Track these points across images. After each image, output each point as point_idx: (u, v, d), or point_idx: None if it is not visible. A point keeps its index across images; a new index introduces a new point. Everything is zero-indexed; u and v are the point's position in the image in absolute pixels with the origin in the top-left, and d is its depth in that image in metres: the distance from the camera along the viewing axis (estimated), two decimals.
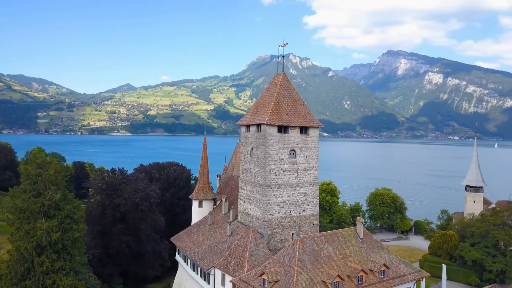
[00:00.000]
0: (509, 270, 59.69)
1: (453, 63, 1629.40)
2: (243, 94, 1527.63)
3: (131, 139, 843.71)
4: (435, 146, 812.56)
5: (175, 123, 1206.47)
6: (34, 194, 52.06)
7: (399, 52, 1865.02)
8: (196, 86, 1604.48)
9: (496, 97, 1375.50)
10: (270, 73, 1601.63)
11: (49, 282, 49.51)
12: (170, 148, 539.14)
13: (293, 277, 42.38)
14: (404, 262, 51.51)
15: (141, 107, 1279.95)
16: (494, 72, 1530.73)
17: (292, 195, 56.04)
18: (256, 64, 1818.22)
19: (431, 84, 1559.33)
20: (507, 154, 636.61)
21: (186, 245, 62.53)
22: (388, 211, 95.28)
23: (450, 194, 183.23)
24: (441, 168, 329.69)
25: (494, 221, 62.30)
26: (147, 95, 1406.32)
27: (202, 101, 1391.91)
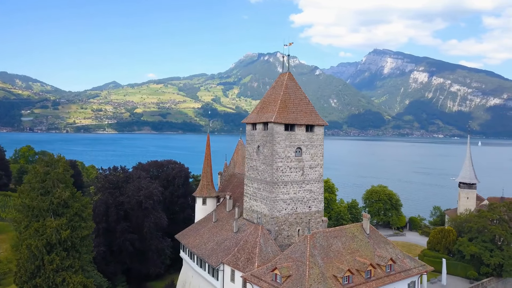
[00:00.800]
0: (506, 264, 61.79)
1: (438, 62, 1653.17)
2: (230, 92, 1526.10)
3: (118, 137, 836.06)
4: (420, 144, 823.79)
5: (162, 121, 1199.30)
6: (42, 192, 52.11)
7: (385, 51, 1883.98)
8: (183, 84, 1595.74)
9: (480, 96, 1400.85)
10: (258, 71, 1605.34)
11: (59, 279, 49.73)
12: (159, 147, 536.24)
13: (305, 271, 43.39)
14: (408, 256, 53.00)
15: (127, 105, 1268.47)
16: (478, 71, 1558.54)
17: (298, 192, 57.04)
18: (243, 62, 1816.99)
19: (417, 83, 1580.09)
20: (490, 152, 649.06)
21: (192, 242, 63.09)
22: (384, 207, 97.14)
23: (441, 191, 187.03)
24: (429, 166, 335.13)
25: (491, 216, 64.39)
26: (133, 93, 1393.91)
27: (190, 99, 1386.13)
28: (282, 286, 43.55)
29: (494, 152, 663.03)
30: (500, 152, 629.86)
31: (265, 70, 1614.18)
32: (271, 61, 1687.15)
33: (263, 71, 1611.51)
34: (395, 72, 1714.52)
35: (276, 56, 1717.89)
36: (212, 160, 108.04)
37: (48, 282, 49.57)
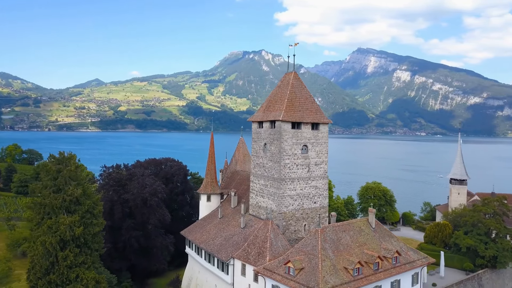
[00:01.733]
0: (500, 256, 64.77)
1: (420, 61, 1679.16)
2: (215, 90, 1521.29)
3: (102, 136, 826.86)
4: (404, 142, 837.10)
5: (147, 119, 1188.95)
6: (54, 189, 52.66)
7: (368, 50, 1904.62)
8: (168, 81, 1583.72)
9: (460, 94, 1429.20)
10: (243, 70, 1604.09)
11: (73, 275, 50.54)
12: (145, 145, 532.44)
13: (318, 264, 45.16)
14: (412, 249, 55.36)
15: (111, 103, 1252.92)
16: (459, 70, 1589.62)
17: (304, 188, 58.79)
18: (228, 60, 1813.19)
19: (399, 82, 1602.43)
20: (472, 150, 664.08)
21: (199, 238, 64.27)
22: (379, 203, 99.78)
23: (429, 187, 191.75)
24: (415, 164, 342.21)
25: (486, 210, 67.37)
26: (117, 91, 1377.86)
27: (174, 97, 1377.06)
28: (295, 278, 45.26)
29: (475, 149, 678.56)
30: (480, 149, 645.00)
31: (250, 68, 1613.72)
32: (256, 59, 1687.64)
33: (248, 69, 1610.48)
34: (379, 71, 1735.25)
35: (261, 55, 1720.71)
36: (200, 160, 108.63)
37: (62, 278, 50.30)
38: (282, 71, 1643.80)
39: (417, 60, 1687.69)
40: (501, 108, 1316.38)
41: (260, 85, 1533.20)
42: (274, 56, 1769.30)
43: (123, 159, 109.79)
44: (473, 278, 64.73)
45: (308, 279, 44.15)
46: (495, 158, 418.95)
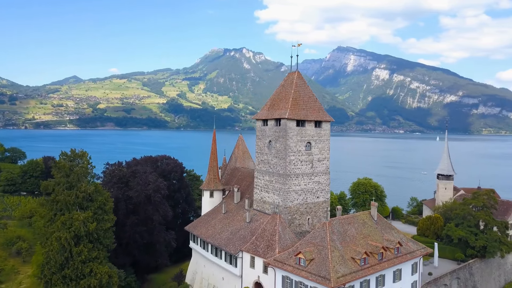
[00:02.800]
0: (489, 246, 68.75)
1: (398, 60, 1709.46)
2: (196, 87, 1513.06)
3: (82, 134, 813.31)
4: (383, 139, 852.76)
5: (127, 117, 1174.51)
6: (67, 186, 53.68)
7: (348, 49, 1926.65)
8: (148, 79, 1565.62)
9: (437, 93, 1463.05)
10: (224, 67, 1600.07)
11: (87, 270, 51.92)
12: (127, 143, 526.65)
13: (328, 255, 47.61)
14: (411, 240, 58.54)
15: (89, 100, 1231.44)
16: (435, 69, 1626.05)
17: (308, 183, 61.26)
18: (209, 57, 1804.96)
19: (378, 80, 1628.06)
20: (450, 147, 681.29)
21: (205, 233, 65.99)
22: (370, 198, 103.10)
23: (413, 183, 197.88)
24: (397, 160, 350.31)
25: (476, 203, 71.27)
26: (96, 88, 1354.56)
27: (154, 94, 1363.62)
28: (306, 268, 47.61)
29: (453, 146, 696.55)
30: (459, 146, 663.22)
31: (231, 66, 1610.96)
32: (237, 56, 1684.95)
33: (229, 66, 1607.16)
34: (358, 69, 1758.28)
35: (242, 52, 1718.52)
36: (198, 156, 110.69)
37: (77, 273, 51.62)
38: (263, 69, 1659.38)
39: (395, 59, 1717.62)
40: (475, 106, 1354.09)
41: (241, 82, 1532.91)
42: (255, 54, 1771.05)
43: (109, 158, 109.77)
44: (465, 268, 68.51)
45: (319, 269, 46.56)
46: (474, 155, 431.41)
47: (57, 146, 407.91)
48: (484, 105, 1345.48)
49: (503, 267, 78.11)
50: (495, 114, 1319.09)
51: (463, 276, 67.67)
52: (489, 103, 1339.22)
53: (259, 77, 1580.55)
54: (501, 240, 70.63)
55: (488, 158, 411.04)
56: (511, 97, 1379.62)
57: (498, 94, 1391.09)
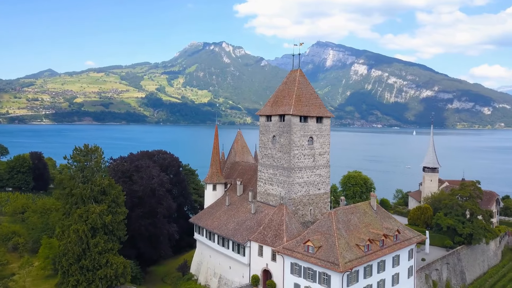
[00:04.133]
0: (475, 233, 73.75)
1: (376, 55, 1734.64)
2: (175, 81, 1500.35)
3: (60, 129, 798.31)
4: (363, 133, 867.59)
5: (105, 111, 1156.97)
6: (83, 180, 55.43)
7: (327, 44, 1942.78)
8: (126, 72, 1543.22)
9: (414, 88, 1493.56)
10: (203, 61, 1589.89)
11: (104, 261, 54.04)
12: (108, 138, 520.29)
13: (335, 242, 51.07)
14: (407, 228, 62.70)
15: (66, 95, 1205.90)
16: (412, 65, 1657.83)
17: (310, 176, 64.59)
18: (188, 51, 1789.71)
19: (357, 75, 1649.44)
20: (425, 141, 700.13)
21: (211, 224, 68.59)
22: (361, 191, 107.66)
23: (398, 176, 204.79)
24: (377, 154, 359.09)
25: (463, 194, 76.12)
26: (72, 82, 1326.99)
27: (133, 89, 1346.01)
28: (315, 255, 50.99)
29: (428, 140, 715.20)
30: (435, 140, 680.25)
31: (211, 60, 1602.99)
32: (216, 50, 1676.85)
33: (209, 60, 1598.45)
34: (337, 65, 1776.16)
35: (221, 46, 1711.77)
36: (187, 151, 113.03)
37: (94, 263, 53.67)
38: (243, 63, 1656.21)
39: (373, 54, 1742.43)
40: (450, 101, 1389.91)
41: (221, 77, 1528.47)
42: (235, 48, 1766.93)
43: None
44: (453, 254, 73.36)
45: (327, 255, 49.98)
46: (453, 148, 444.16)
47: (36, 142, 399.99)
48: (458, 100, 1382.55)
49: (487, 253, 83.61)
50: (469, 109, 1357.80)
51: (452, 261, 72.50)
52: (463, 98, 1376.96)
53: (239, 72, 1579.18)
54: (486, 228, 75.80)
55: (467, 151, 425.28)
56: (484, 93, 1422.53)
57: (471, 89, 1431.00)
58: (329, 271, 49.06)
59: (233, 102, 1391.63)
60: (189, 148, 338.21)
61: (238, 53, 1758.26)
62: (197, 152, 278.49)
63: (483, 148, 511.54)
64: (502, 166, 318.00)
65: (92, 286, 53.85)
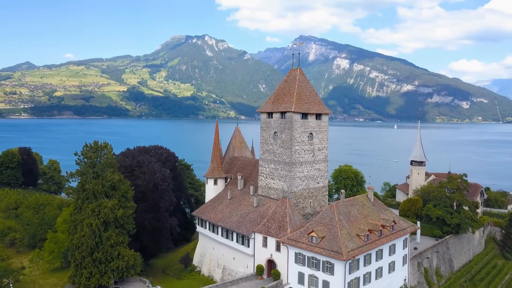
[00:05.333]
0: (463, 223, 78.10)
1: (358, 49, 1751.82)
2: (158, 75, 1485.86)
3: (40, 123, 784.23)
4: (345, 127, 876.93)
5: (86, 105, 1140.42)
6: (94, 176, 57.21)
7: (310, 38, 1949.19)
8: (107, 66, 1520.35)
9: (395, 82, 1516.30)
10: (186, 54, 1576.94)
11: (115, 253, 56.22)
12: (91, 133, 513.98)
13: (337, 232, 54.28)
14: (402, 219, 66.46)
15: (45, 88, 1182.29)
16: (393, 59, 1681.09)
17: (310, 170, 67.63)
18: (170, 44, 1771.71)
19: (339, 69, 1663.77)
20: (405, 134, 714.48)
21: (214, 217, 71.08)
22: (351, 184, 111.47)
23: (385, 169, 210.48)
24: (361, 148, 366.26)
25: (451, 186, 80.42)
26: (51, 75, 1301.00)
27: (114, 82, 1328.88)
28: (319, 245, 54.12)
29: (410, 134, 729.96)
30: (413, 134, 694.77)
31: (193, 53, 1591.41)
32: (199, 44, 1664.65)
33: (191, 54, 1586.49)
34: (320, 59, 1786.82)
35: (204, 39, 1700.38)
36: (175, 146, 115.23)
37: (106, 256, 55.77)
38: (226, 57, 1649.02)
39: (355, 49, 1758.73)
40: (430, 95, 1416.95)
41: (204, 70, 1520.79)
42: (217, 41, 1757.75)
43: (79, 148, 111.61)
44: (442, 243, 77.66)
45: (331, 245, 53.16)
46: (436, 142, 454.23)
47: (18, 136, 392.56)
48: (438, 94, 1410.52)
49: (472, 242, 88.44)
50: (448, 103, 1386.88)
51: (441, 250, 76.82)
52: (443, 92, 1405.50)
53: (222, 65, 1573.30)
54: (472, 218, 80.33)
55: (448, 145, 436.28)
56: (462, 87, 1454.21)
57: (450, 83, 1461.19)
58: (332, 259, 52.26)
59: (216, 95, 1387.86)
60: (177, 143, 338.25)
61: (221, 46, 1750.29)
62: (187, 147, 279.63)
63: (464, 142, 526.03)
64: (482, 159, 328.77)
65: (104, 277, 55.90)
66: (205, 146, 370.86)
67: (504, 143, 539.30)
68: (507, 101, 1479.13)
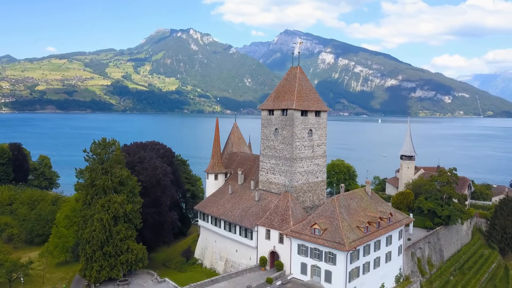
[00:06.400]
0: (453, 215, 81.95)
1: (343, 44, 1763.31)
2: (142, 69, 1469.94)
3: (23, 118, 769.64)
4: (330, 122, 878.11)
5: (68, 99, 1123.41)
6: (103, 172, 58.68)
7: (295, 32, 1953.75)
8: (90, 59, 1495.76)
9: (379, 77, 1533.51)
10: (170, 48, 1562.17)
11: (125, 247, 58.02)
12: (77, 128, 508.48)
13: (339, 225, 57.03)
14: (397, 211, 69.66)
15: (27, 82, 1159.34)
16: (377, 54, 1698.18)
17: (309, 165, 70.23)
18: (154, 38, 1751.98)
19: (324, 64, 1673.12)
20: (389, 129, 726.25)
21: (216, 211, 73.14)
22: (344, 178, 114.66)
23: (374, 164, 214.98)
24: (347, 142, 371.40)
25: (441, 180, 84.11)
26: (33, 68, 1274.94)
27: (98, 76, 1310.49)
28: (322, 236, 56.79)
29: (393, 128, 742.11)
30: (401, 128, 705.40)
31: (178, 47, 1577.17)
32: (184, 37, 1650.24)
33: (176, 48, 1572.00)
34: (305, 53, 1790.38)
35: (189, 33, 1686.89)
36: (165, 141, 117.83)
37: (116, 250, 57.52)
38: (211, 51, 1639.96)
39: (340, 43, 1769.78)
40: (413, 90, 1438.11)
41: (189, 64, 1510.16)
42: (202, 35, 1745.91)
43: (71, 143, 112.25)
44: (433, 234, 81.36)
45: (333, 237, 55.88)
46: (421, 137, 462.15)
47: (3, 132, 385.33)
48: (421, 89, 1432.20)
49: (460, 233, 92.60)
50: (431, 98, 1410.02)
51: (432, 240, 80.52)
52: (426, 87, 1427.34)
53: (208, 59, 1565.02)
54: (461, 210, 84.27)
55: (433, 139, 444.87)
56: (444, 82, 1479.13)
57: (433, 78, 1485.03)
58: (335, 250, 54.99)
59: (201, 90, 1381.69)
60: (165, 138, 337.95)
61: (206, 40, 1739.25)
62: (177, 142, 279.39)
63: (447, 136, 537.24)
64: (464, 153, 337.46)
65: (114, 270, 57.60)
66: (195, 141, 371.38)
67: (485, 137, 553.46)
68: (487, 96, 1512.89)
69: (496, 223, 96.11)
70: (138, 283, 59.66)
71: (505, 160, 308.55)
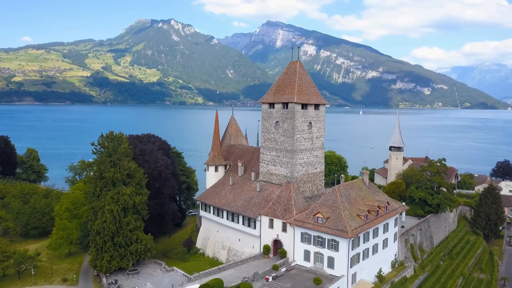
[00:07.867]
0: (442, 203, 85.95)
1: (325, 36, 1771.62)
2: (122, 59, 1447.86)
3: (2, 110, 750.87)
4: None
5: (47, 91, 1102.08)
6: (112, 164, 59.91)
7: (277, 23, 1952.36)
8: (68, 50, 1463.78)
9: (360, 69, 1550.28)
10: (151, 39, 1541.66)
11: (134, 237, 59.73)
12: (56, 120, 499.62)
13: (341, 213, 59.79)
14: (393, 200, 72.93)
15: (3, 73, 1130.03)
16: (359, 46, 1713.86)
17: (309, 157, 72.73)
18: (135, 28, 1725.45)
19: (306, 56, 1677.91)
20: (371, 120, 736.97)
21: (219, 202, 75.10)
22: (335, 169, 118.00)
23: (361, 155, 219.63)
24: (333, 134, 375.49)
25: (432, 170, 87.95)
26: (9, 59, 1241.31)
27: (77, 67, 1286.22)
28: (325, 225, 59.48)
29: (374, 119, 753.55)
30: (382, 119, 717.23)
31: (159, 38, 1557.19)
32: (165, 28, 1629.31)
33: (157, 38, 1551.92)
34: (287, 45, 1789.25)
35: (170, 24, 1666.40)
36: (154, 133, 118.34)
37: (126, 240, 59.08)
38: (193, 42, 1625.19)
39: (322, 35, 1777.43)
40: (394, 81, 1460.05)
41: (170, 55, 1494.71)
42: (184, 26, 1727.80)
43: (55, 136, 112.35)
44: (424, 222, 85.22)
45: (336, 225, 58.63)
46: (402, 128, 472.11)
47: None
48: (401, 81, 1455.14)
49: (448, 220, 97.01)
50: (411, 89, 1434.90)
51: (423, 228, 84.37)
52: (406, 79, 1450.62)
53: (189, 50, 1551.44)
54: (450, 199, 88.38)
55: (415, 130, 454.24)
56: (424, 74, 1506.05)
57: (413, 70, 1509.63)
58: (337, 237, 57.77)
59: (183, 81, 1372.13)
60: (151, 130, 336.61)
61: (188, 31, 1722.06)
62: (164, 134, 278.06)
63: (427, 127, 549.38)
64: (446, 144, 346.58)
65: (124, 260, 59.14)
66: (182, 134, 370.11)
67: (463, 128, 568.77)
68: (465, 88, 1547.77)
69: (481, 210, 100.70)
70: (147, 272, 61.43)
71: (484, 150, 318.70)
